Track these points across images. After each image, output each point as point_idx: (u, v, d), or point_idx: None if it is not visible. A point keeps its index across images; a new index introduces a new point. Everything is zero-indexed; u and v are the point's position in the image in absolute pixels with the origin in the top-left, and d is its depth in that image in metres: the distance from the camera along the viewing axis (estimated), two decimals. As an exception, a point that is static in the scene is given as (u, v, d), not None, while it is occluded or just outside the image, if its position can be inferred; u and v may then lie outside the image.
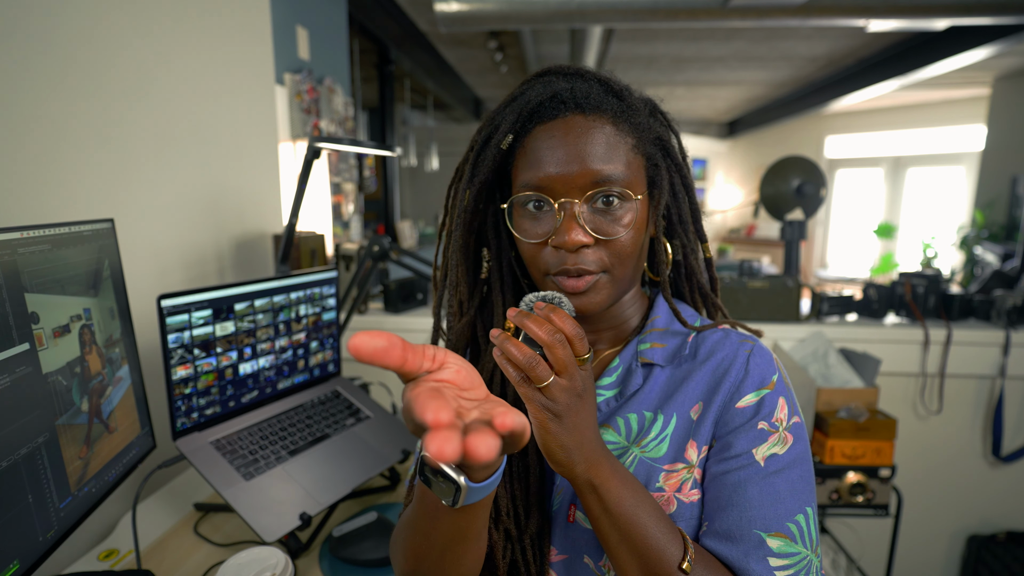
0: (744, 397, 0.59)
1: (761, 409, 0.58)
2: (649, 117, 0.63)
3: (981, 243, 4.58)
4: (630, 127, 0.59)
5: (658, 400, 0.63)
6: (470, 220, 0.65)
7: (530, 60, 4.43)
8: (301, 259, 1.70)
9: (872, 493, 1.62)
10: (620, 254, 0.59)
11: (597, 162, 0.56)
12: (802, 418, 0.61)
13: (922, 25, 3.23)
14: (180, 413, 1.01)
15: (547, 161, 0.57)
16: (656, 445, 0.60)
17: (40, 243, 0.71)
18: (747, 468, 0.57)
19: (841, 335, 1.85)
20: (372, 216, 5.36)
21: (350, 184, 2.71)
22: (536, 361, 0.48)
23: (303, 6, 2.18)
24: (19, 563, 0.65)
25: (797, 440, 0.58)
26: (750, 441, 0.58)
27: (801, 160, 2.19)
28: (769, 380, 0.60)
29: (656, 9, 2.45)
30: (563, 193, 0.57)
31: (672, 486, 0.59)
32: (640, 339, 0.66)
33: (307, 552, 0.99)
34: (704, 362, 0.62)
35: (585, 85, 0.59)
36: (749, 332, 0.67)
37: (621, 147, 0.58)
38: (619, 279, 0.60)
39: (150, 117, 1.20)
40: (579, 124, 0.57)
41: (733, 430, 0.59)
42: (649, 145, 0.61)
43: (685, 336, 0.65)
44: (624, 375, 0.65)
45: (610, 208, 0.58)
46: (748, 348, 0.62)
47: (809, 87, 5.78)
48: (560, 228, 0.57)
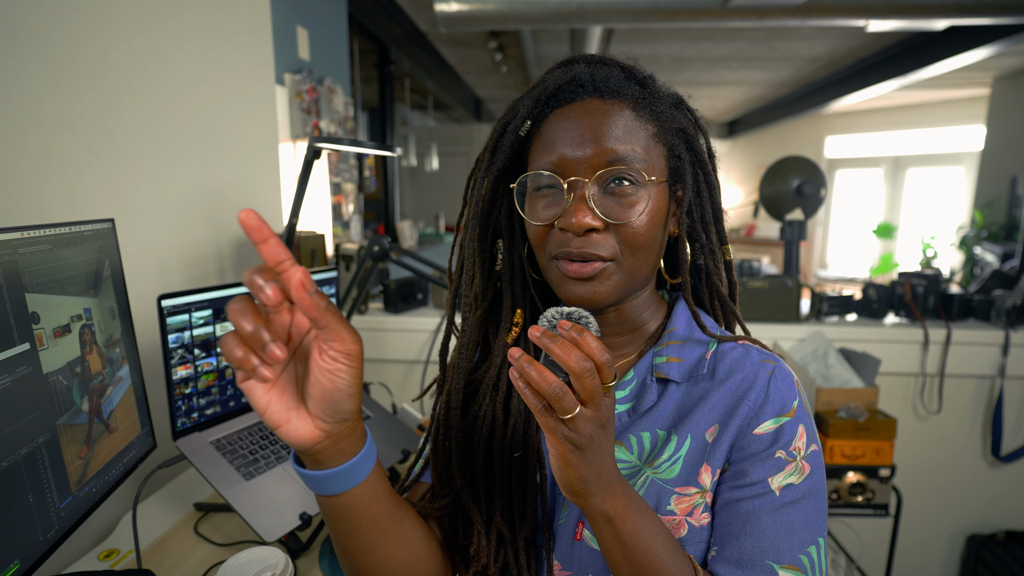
0: (763, 424, 0.56)
1: (780, 438, 0.56)
2: (674, 109, 0.60)
3: (981, 243, 4.59)
4: (651, 115, 0.57)
5: (672, 419, 0.60)
6: (488, 210, 0.63)
7: (530, 60, 4.43)
8: (301, 259, 1.70)
9: (872, 493, 1.62)
10: (631, 242, 0.55)
11: (611, 141, 0.54)
12: (819, 445, 0.58)
13: (922, 25, 3.23)
14: (180, 413, 1.01)
15: (560, 142, 0.55)
16: (669, 466, 0.58)
17: (40, 243, 0.71)
18: (762, 497, 0.55)
19: (841, 335, 1.86)
20: (372, 216, 5.36)
21: (350, 184, 2.71)
22: (563, 391, 0.44)
23: (303, 6, 2.18)
24: (19, 563, 0.65)
25: (814, 469, 0.56)
26: (767, 470, 0.55)
27: (801, 160, 2.19)
28: (790, 407, 0.57)
29: (656, 9, 2.45)
30: (573, 173, 0.55)
31: (683, 510, 0.57)
32: (656, 351, 0.62)
33: (307, 552, 0.99)
34: (723, 382, 0.59)
35: (606, 70, 0.58)
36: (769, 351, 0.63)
37: (640, 132, 0.56)
38: (629, 271, 0.57)
39: (150, 117, 1.20)
40: (596, 107, 0.55)
41: (749, 457, 0.56)
42: (671, 136, 0.58)
43: (703, 349, 0.61)
44: (639, 389, 0.62)
45: (623, 191, 0.55)
46: (769, 370, 0.58)
47: (809, 87, 5.78)
48: (568, 209, 0.54)
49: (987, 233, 4.75)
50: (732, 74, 5.33)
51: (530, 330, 0.45)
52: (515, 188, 0.60)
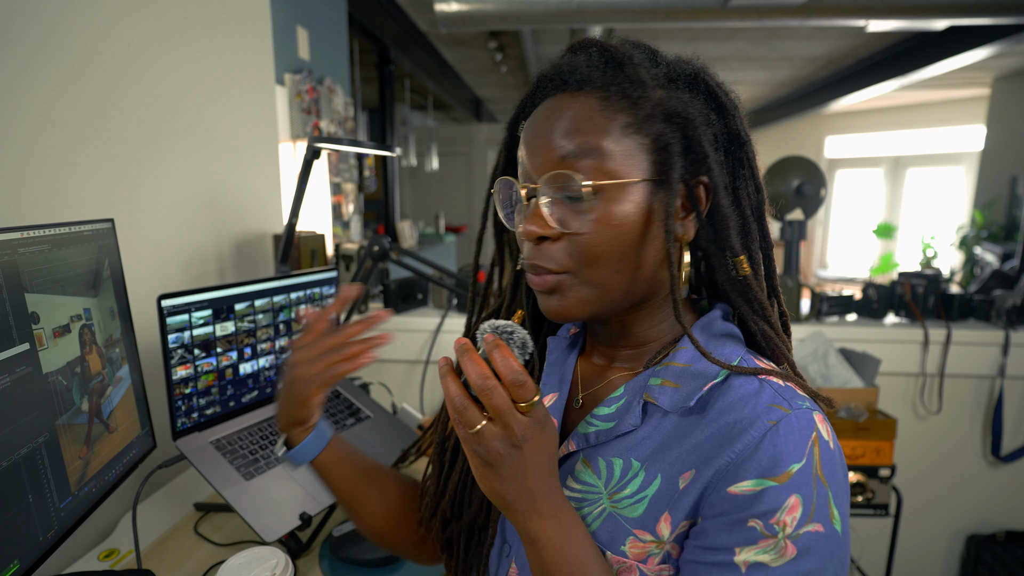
0: (740, 482, 0.46)
1: (756, 504, 0.45)
2: (675, 90, 0.51)
3: (980, 243, 4.59)
4: (624, 102, 0.49)
5: (650, 451, 0.52)
6: (491, 208, 0.63)
7: (530, 60, 4.43)
8: (301, 259, 1.70)
9: (872, 493, 1.62)
10: (585, 252, 0.49)
11: (559, 141, 0.49)
12: (832, 528, 0.45)
13: (922, 25, 3.23)
14: (180, 413, 1.01)
15: (524, 145, 0.53)
16: (631, 504, 0.51)
17: (40, 243, 0.71)
18: (722, 568, 0.45)
19: (841, 335, 1.86)
20: (372, 216, 5.35)
21: (350, 184, 2.71)
22: (464, 405, 0.43)
23: (303, 6, 2.18)
24: (19, 563, 0.65)
25: (804, 555, 0.44)
26: (733, 538, 0.45)
27: (801, 160, 2.19)
28: (783, 469, 0.45)
29: (656, 9, 2.45)
30: (528, 178, 0.52)
31: (637, 555, 0.50)
32: (655, 371, 0.54)
33: (307, 552, 0.99)
34: (713, 421, 0.49)
35: (578, 58, 0.52)
36: (812, 396, 0.50)
37: (605, 127, 0.48)
38: (596, 284, 0.51)
39: (150, 117, 1.20)
40: (560, 103, 0.51)
41: (716, 516, 0.47)
42: (656, 124, 0.49)
43: (708, 380, 0.51)
44: (624, 409, 0.54)
45: (579, 196, 0.48)
46: (775, 418, 0.47)
47: (809, 87, 5.78)
48: (524, 216, 0.52)
49: (987, 233, 4.75)
50: (732, 74, 5.33)
51: (455, 342, 0.46)
52: (492, 193, 0.58)
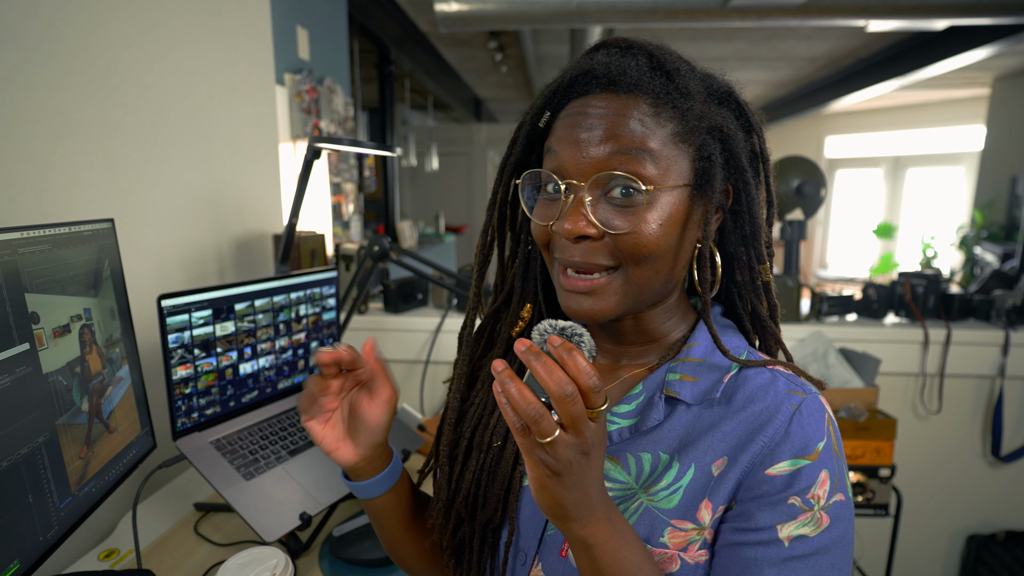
0: (777, 464, 0.50)
1: (795, 482, 0.49)
2: (715, 104, 0.54)
3: (980, 243, 4.59)
4: (674, 112, 0.51)
5: (678, 443, 0.54)
6: (504, 201, 0.62)
7: (530, 60, 4.43)
8: (301, 259, 1.70)
9: (872, 493, 1.62)
10: (634, 252, 0.51)
11: (613, 143, 0.49)
12: (848, 495, 0.51)
13: (922, 25, 3.23)
14: (180, 413, 1.01)
15: (564, 140, 0.52)
16: (667, 495, 0.53)
17: (40, 243, 0.71)
18: (767, 546, 0.49)
19: (841, 335, 1.85)
20: (372, 216, 5.35)
21: (350, 184, 2.71)
22: (541, 414, 0.41)
23: (303, 6, 2.18)
24: (19, 563, 0.65)
25: (835, 522, 0.49)
26: (775, 516, 0.49)
27: (801, 160, 2.19)
28: (813, 448, 0.50)
29: (656, 9, 2.45)
30: (572, 175, 0.51)
31: (677, 544, 0.52)
32: (671, 367, 0.57)
33: (307, 552, 0.99)
34: (740, 410, 0.53)
35: (627, 61, 0.52)
36: (809, 380, 0.56)
37: (657, 131, 0.50)
38: (637, 283, 0.52)
39: (150, 117, 1.20)
40: (608, 103, 0.51)
41: (757, 498, 0.50)
42: (702, 135, 0.52)
43: (723, 372, 0.55)
44: (645, 405, 0.56)
45: (627, 198, 0.50)
46: (795, 403, 0.52)
47: (809, 87, 5.78)
48: (562, 214, 0.51)
49: (987, 233, 4.75)
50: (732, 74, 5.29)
51: (516, 344, 0.43)
52: (519, 183, 0.57)
